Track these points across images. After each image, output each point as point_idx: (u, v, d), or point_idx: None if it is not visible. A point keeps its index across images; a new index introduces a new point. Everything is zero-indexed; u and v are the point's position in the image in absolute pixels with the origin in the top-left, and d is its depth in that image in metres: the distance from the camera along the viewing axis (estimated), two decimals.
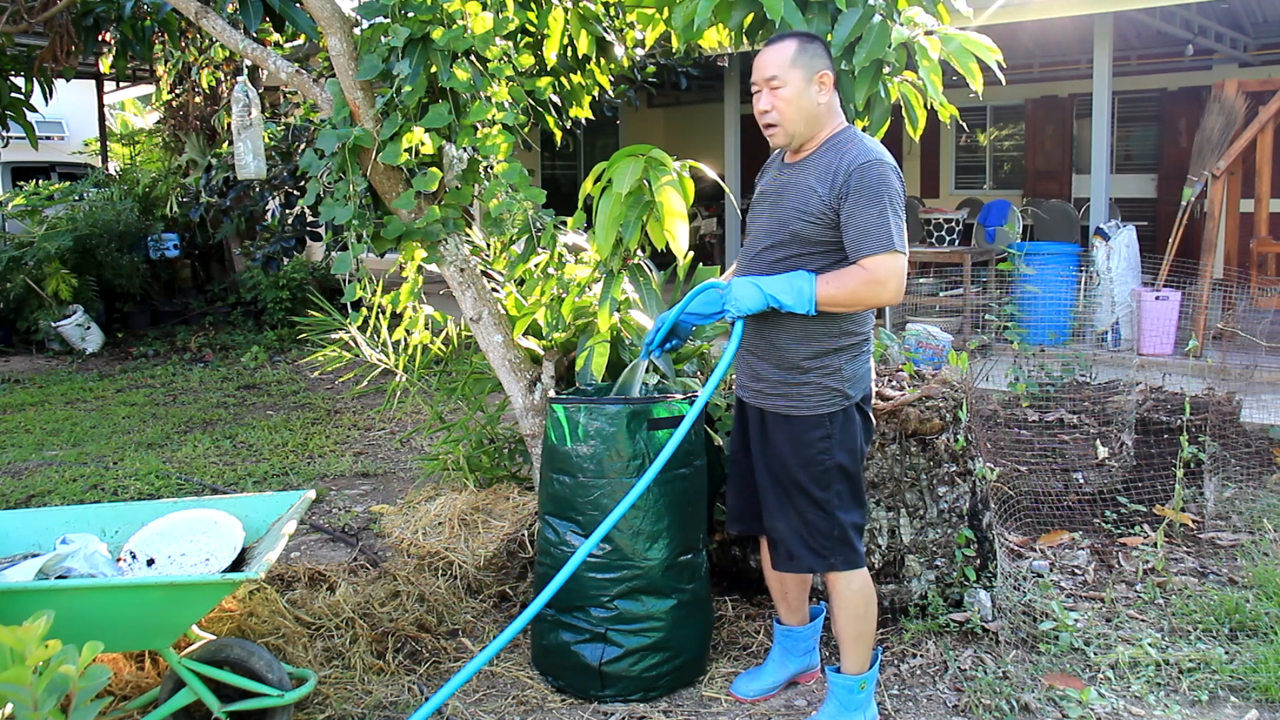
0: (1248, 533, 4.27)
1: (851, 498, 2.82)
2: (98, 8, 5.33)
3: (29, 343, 9.68)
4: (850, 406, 2.79)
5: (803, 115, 2.73)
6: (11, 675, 1.42)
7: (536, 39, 4.05)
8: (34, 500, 5.19)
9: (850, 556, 2.82)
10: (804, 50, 2.71)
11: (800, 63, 2.70)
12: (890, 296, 2.65)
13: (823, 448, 2.77)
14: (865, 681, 2.86)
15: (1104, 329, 7.86)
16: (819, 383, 2.76)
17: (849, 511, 2.82)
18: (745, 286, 2.72)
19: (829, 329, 2.75)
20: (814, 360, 2.76)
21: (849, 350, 2.78)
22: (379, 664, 3.28)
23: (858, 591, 2.84)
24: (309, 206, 3.98)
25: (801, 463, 2.79)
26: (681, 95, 12.45)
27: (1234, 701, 3.06)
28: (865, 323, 2.82)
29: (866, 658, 2.87)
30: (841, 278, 2.66)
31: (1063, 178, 12.22)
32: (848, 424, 2.78)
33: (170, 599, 2.63)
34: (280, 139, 10.00)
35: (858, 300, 2.67)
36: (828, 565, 2.83)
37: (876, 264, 2.62)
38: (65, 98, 8.84)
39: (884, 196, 2.62)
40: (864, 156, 2.66)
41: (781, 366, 2.80)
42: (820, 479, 2.78)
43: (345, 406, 7.18)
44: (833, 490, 2.78)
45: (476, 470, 4.42)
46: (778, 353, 2.80)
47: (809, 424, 2.78)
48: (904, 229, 2.66)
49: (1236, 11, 9.51)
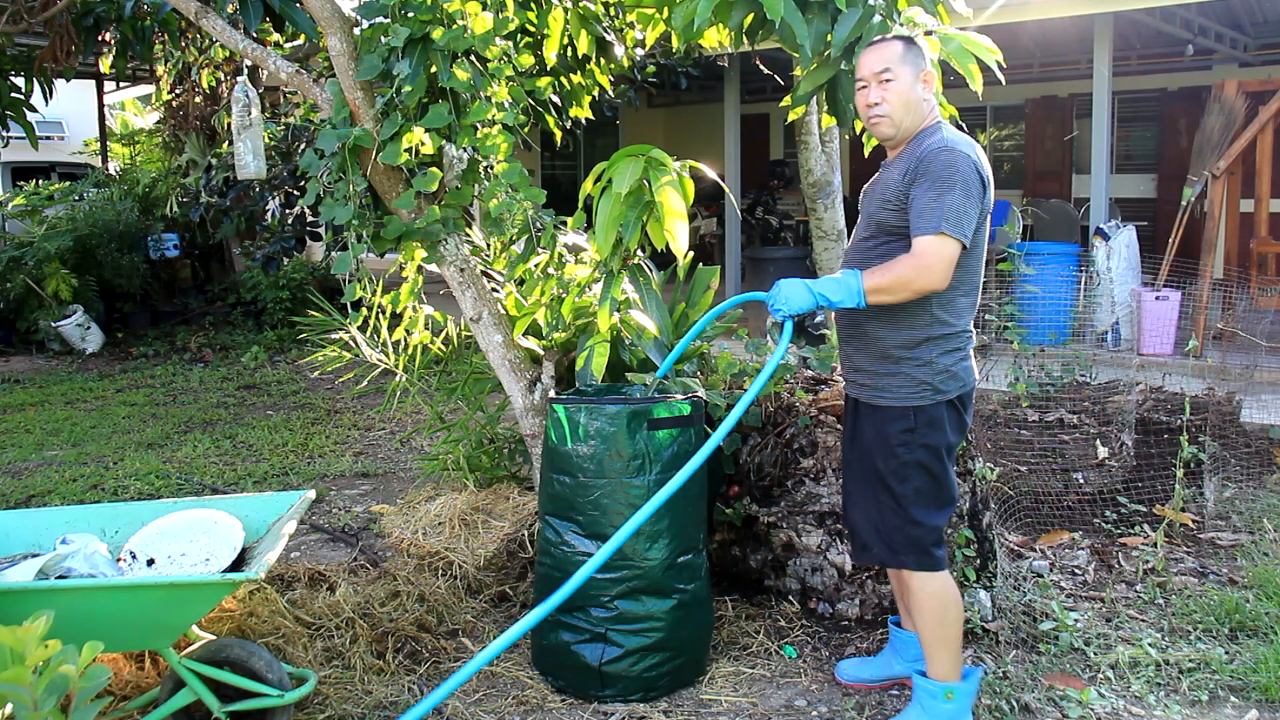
0: (1248, 533, 4.26)
1: (932, 497, 2.77)
2: (98, 8, 5.33)
3: (29, 343, 9.67)
4: (940, 403, 2.74)
5: (909, 108, 2.77)
6: (11, 675, 1.42)
7: (536, 39, 4.05)
8: (34, 500, 5.19)
9: (922, 558, 2.77)
10: (911, 49, 2.80)
11: (909, 59, 2.78)
12: (938, 280, 2.62)
13: (903, 440, 2.74)
14: (953, 692, 2.79)
15: (1104, 329, 7.86)
16: (909, 373, 2.74)
17: (926, 511, 2.77)
18: (794, 287, 2.72)
19: (919, 317, 2.72)
20: (905, 350, 2.74)
21: (942, 341, 2.74)
22: (379, 664, 3.28)
23: (932, 595, 2.79)
24: (309, 206, 3.98)
25: (882, 454, 2.78)
26: (681, 95, 12.44)
27: (1234, 701, 3.06)
28: (961, 314, 2.76)
29: (951, 665, 2.80)
30: (889, 266, 2.67)
31: (1063, 178, 12.21)
32: (935, 420, 2.74)
33: (170, 599, 2.63)
34: (280, 139, 9.99)
35: (905, 285, 2.64)
36: (897, 562, 2.82)
37: (922, 246, 2.61)
38: (65, 98, 8.84)
39: (946, 180, 2.61)
40: (938, 144, 2.68)
41: (874, 356, 2.80)
42: (898, 472, 2.76)
43: (345, 406, 7.18)
44: (910, 485, 2.75)
45: (476, 470, 4.42)
46: (871, 342, 2.81)
47: (893, 415, 2.76)
48: (966, 215, 2.61)
49: (1236, 11, 9.51)
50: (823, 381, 3.84)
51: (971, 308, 2.80)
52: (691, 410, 3.13)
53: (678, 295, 3.97)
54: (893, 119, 2.78)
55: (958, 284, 2.72)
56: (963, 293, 2.76)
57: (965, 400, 2.82)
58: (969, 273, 2.76)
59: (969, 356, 2.81)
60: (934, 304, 2.72)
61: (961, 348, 2.78)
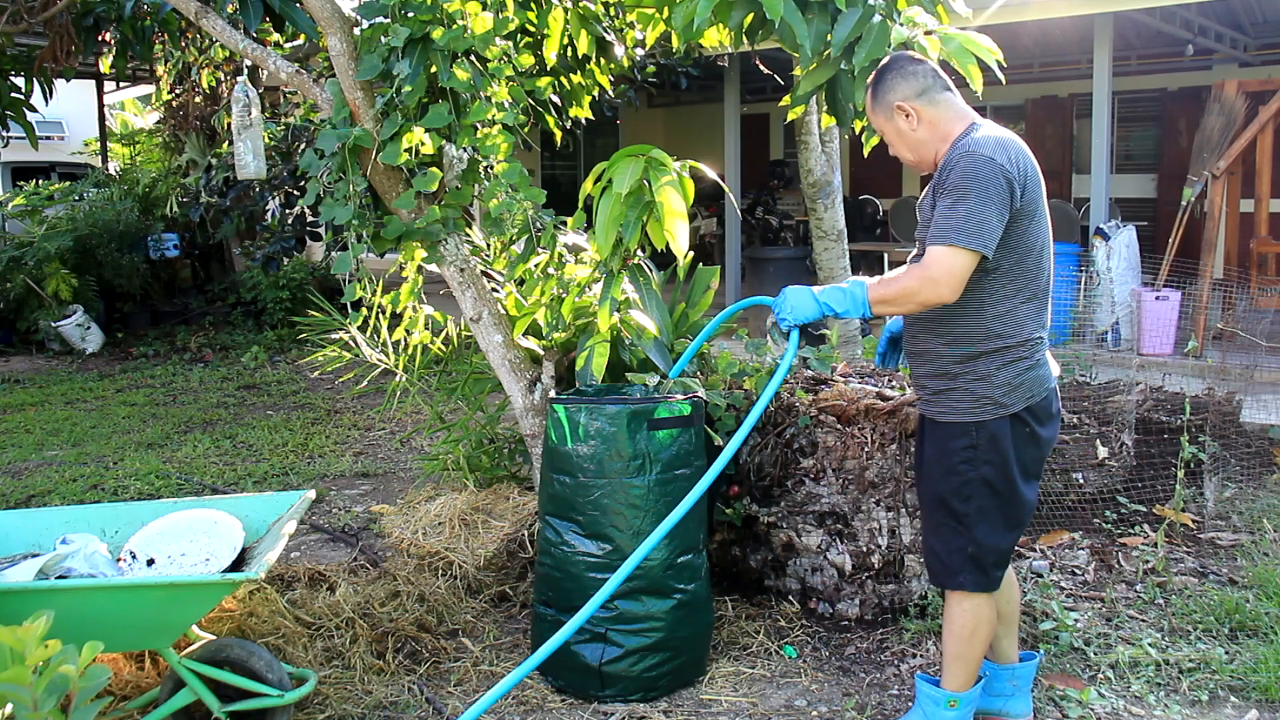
0: (1248, 533, 4.27)
1: (999, 517, 2.65)
2: (98, 8, 5.33)
3: (29, 343, 9.68)
4: (1004, 417, 2.61)
5: (908, 147, 2.72)
6: (11, 675, 1.42)
7: (536, 39, 4.05)
8: (34, 500, 5.19)
9: (979, 579, 2.68)
10: (874, 96, 2.73)
11: (876, 110, 2.73)
12: (945, 293, 2.51)
13: (966, 457, 2.63)
14: (957, 700, 2.75)
15: (1104, 329, 7.86)
16: (968, 388, 2.62)
17: (990, 531, 2.65)
18: (801, 295, 2.69)
19: (972, 332, 2.61)
20: (961, 365, 2.63)
21: (1000, 355, 2.60)
22: (379, 664, 3.28)
23: (968, 611, 2.70)
24: (309, 206, 3.98)
25: (943, 471, 2.67)
26: (681, 95, 12.44)
27: (1234, 701, 3.06)
28: (1020, 327, 2.60)
29: (965, 680, 2.75)
30: (897, 278, 2.62)
31: (1063, 178, 12.21)
32: (998, 435, 2.61)
33: (170, 599, 2.63)
34: (280, 139, 9.99)
35: (910, 297, 2.56)
36: (956, 583, 2.70)
37: (931, 257, 2.52)
38: (65, 98, 8.84)
39: (961, 189, 2.49)
40: (960, 150, 2.55)
41: (933, 372, 2.70)
42: (960, 490, 2.65)
43: (345, 406, 7.18)
44: (973, 504, 2.64)
45: (476, 470, 4.42)
46: (929, 358, 2.71)
47: (955, 431, 2.65)
48: (985, 224, 2.47)
49: (1236, 11, 9.51)
50: (823, 381, 3.84)
51: (1038, 313, 2.65)
52: (691, 410, 3.13)
53: (678, 295, 3.97)
54: (908, 160, 2.76)
55: (1015, 292, 2.60)
56: (1022, 300, 2.61)
57: (1037, 410, 2.65)
58: (1026, 279, 2.61)
59: (1039, 364, 2.65)
60: (988, 317, 2.59)
61: (1027, 356, 2.62)
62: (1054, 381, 2.71)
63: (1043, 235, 2.65)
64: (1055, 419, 2.73)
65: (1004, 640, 2.92)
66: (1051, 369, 2.71)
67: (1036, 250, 2.62)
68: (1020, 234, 2.57)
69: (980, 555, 2.66)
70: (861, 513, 3.52)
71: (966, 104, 2.71)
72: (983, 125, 2.64)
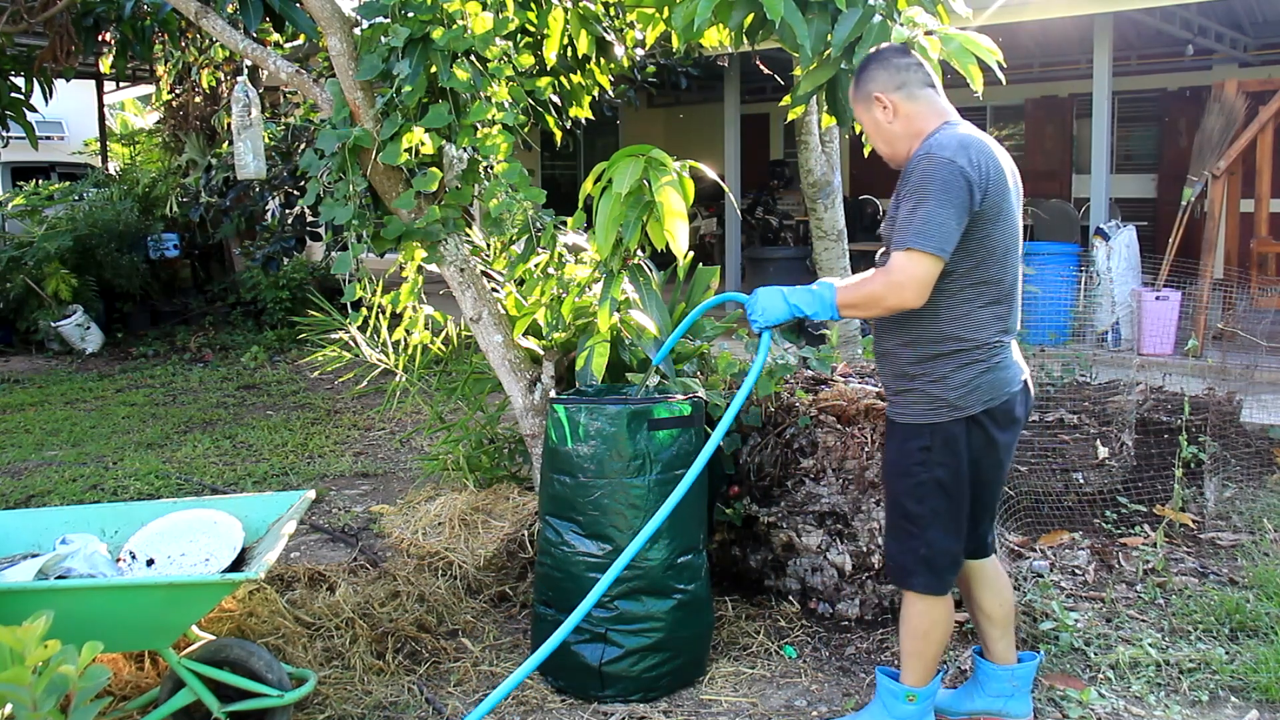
0: (1248, 533, 4.26)
1: (952, 520, 2.66)
2: (98, 8, 5.33)
3: (29, 343, 9.68)
4: (960, 420, 2.61)
5: (883, 140, 2.74)
6: (11, 675, 1.41)
7: (536, 39, 4.04)
8: (34, 500, 5.19)
9: (931, 582, 2.70)
10: (856, 84, 2.74)
11: (857, 98, 2.74)
12: (910, 298, 2.51)
13: (920, 459, 2.64)
14: (916, 695, 2.77)
15: (1104, 329, 7.86)
16: (924, 390, 2.63)
17: (944, 534, 2.66)
18: (771, 297, 2.70)
19: (930, 333, 2.61)
20: (918, 366, 2.64)
21: (956, 357, 2.60)
22: (379, 664, 3.28)
23: (922, 613, 2.73)
24: (309, 206, 3.98)
25: (899, 472, 2.70)
26: (681, 95, 12.44)
27: (1234, 702, 3.06)
28: (980, 329, 2.60)
29: (922, 675, 2.77)
30: (863, 282, 2.62)
31: (1063, 178, 12.21)
32: (953, 438, 2.62)
33: (170, 599, 2.63)
34: (280, 139, 9.99)
35: (876, 302, 2.57)
36: (909, 584, 2.74)
37: (894, 263, 2.52)
38: (65, 98, 8.83)
39: (920, 191, 2.49)
40: (921, 152, 2.55)
41: (894, 373, 2.72)
42: (914, 492, 2.66)
43: (345, 406, 7.18)
44: (926, 506, 2.65)
45: (476, 470, 4.42)
46: (889, 359, 2.73)
47: (910, 433, 2.66)
48: (944, 227, 2.46)
49: (1236, 11, 9.51)
50: (823, 381, 3.84)
51: (999, 318, 2.63)
52: (692, 410, 3.13)
53: (678, 295, 3.97)
54: (883, 152, 2.77)
55: (975, 295, 2.59)
56: (982, 303, 2.60)
57: (996, 414, 2.63)
58: (987, 282, 2.59)
59: (998, 367, 2.63)
60: (945, 320, 2.59)
61: (984, 359, 2.61)
62: (1018, 385, 2.69)
63: (1008, 238, 2.62)
64: (1017, 424, 2.72)
65: (1000, 642, 2.91)
66: (1019, 371, 2.70)
67: (1000, 253, 2.60)
68: (982, 236, 2.56)
69: (932, 557, 2.68)
70: (861, 513, 3.52)
71: (950, 104, 2.71)
72: (954, 125, 2.62)
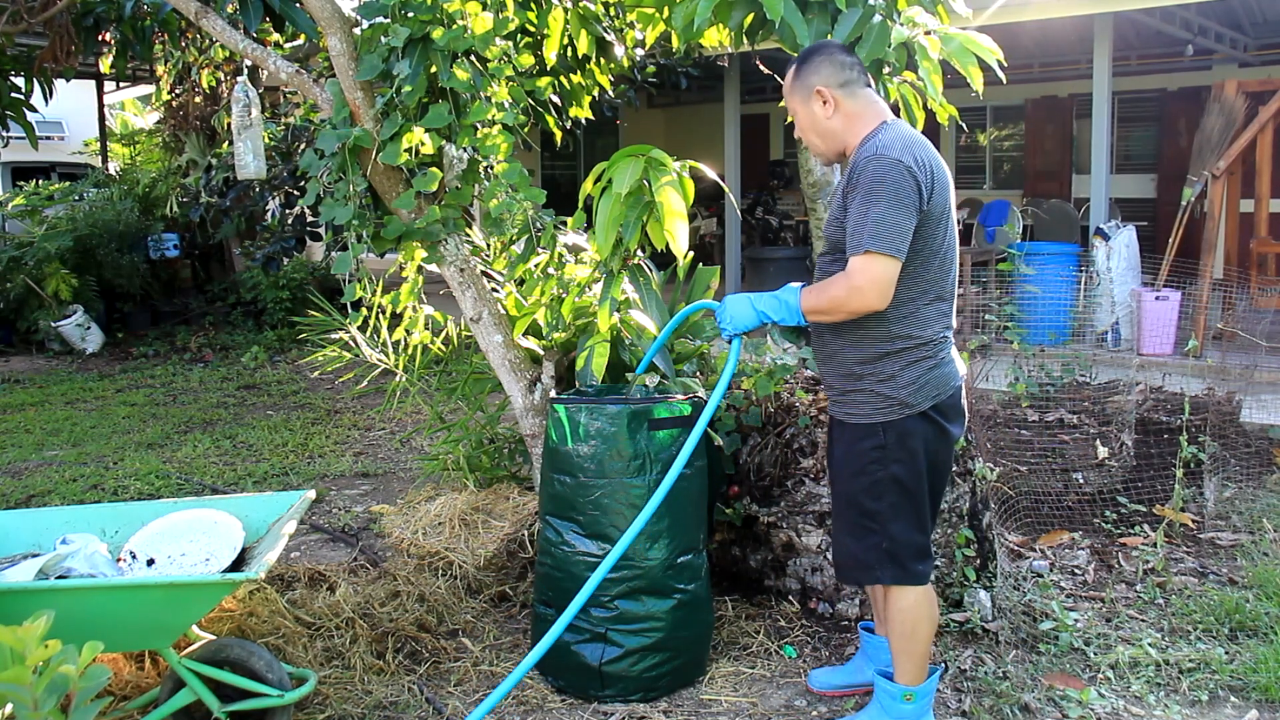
0: (1248, 533, 4.26)
1: (910, 513, 2.69)
2: (98, 8, 5.33)
3: (29, 343, 9.67)
4: (910, 416, 2.64)
5: (818, 134, 2.73)
6: (11, 675, 1.41)
7: (536, 39, 4.04)
8: (34, 500, 5.19)
9: (898, 574, 2.71)
10: (797, 74, 2.73)
11: (795, 89, 2.73)
12: (873, 301, 2.52)
13: (874, 458, 2.66)
14: (913, 694, 2.78)
15: (1104, 329, 7.86)
16: (873, 389, 2.65)
17: (906, 528, 2.69)
18: (739, 304, 2.71)
19: (877, 333, 2.62)
20: (865, 365, 2.65)
21: (903, 355, 2.62)
22: (379, 664, 3.28)
23: (904, 610, 2.75)
24: (309, 206, 3.98)
25: (853, 472, 2.72)
26: (681, 95, 12.44)
27: (1234, 701, 3.06)
28: (925, 326, 2.63)
29: (916, 673, 2.79)
30: (825, 286, 2.63)
31: (1063, 178, 12.21)
32: (907, 433, 2.64)
33: (170, 599, 2.63)
34: (280, 139, 9.99)
35: (839, 306, 2.58)
36: (873, 578, 2.78)
37: (853, 266, 2.53)
38: (65, 98, 8.83)
39: (872, 193, 2.49)
40: (868, 152, 2.55)
41: (839, 373, 2.73)
42: (872, 490, 2.69)
43: (345, 406, 7.18)
44: (885, 502, 2.68)
45: (476, 470, 4.42)
46: (833, 359, 2.74)
47: (862, 432, 2.68)
48: (897, 228, 2.48)
49: (1236, 11, 9.51)
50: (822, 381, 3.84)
51: (942, 315, 2.67)
52: (692, 410, 3.13)
53: (678, 295, 3.97)
54: (814, 147, 2.76)
55: (919, 294, 2.61)
56: (926, 301, 2.63)
57: (945, 409, 2.68)
58: (930, 280, 2.63)
59: (944, 362, 2.67)
60: (891, 319, 2.60)
61: (931, 356, 2.65)
62: (960, 380, 2.74)
63: (949, 236, 2.66)
64: (963, 417, 2.78)
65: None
66: (958, 367, 2.74)
67: (942, 251, 2.64)
68: (927, 236, 2.59)
69: (895, 550, 2.71)
70: None
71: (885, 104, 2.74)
72: (892, 125, 2.65)
